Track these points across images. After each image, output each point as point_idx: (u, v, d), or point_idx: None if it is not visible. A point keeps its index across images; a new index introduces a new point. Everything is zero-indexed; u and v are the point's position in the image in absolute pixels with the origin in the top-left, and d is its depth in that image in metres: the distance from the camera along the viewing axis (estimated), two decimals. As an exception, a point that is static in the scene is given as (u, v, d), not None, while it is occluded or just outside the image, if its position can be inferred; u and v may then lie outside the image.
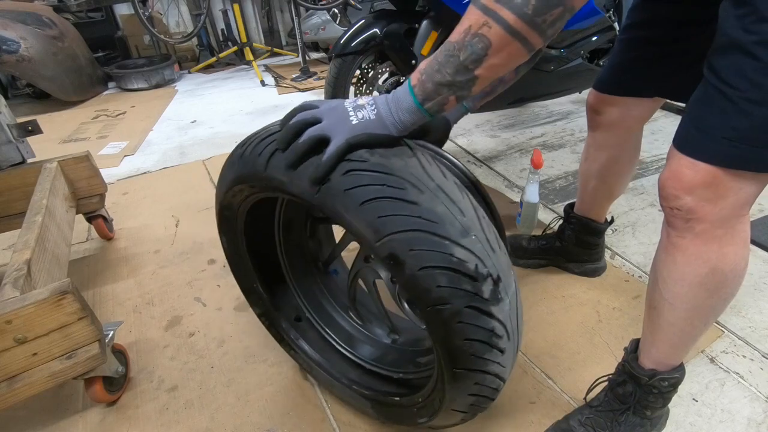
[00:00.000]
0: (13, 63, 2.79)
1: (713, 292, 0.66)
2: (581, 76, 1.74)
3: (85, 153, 1.40)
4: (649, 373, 0.77)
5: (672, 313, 0.70)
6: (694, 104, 0.61)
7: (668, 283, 0.68)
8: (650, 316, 0.75)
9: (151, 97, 3.34)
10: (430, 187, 0.55)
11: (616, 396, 0.82)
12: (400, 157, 0.57)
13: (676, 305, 0.69)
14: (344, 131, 0.56)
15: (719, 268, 0.64)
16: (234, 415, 0.95)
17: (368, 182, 0.55)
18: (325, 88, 1.73)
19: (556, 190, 1.70)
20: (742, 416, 0.88)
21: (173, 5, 4.09)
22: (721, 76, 0.56)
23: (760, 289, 1.18)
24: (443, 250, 0.53)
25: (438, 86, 0.53)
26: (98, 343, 0.86)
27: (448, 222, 0.54)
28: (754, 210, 1.50)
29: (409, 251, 0.53)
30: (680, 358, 0.76)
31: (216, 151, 2.28)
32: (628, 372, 0.80)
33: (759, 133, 0.54)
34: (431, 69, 0.53)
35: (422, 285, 0.54)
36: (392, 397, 0.83)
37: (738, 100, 0.54)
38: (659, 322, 0.73)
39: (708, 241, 0.62)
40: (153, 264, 1.44)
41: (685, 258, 0.64)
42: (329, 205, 0.57)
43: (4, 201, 1.32)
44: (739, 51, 0.53)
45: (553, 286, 1.23)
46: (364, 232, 0.55)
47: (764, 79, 0.52)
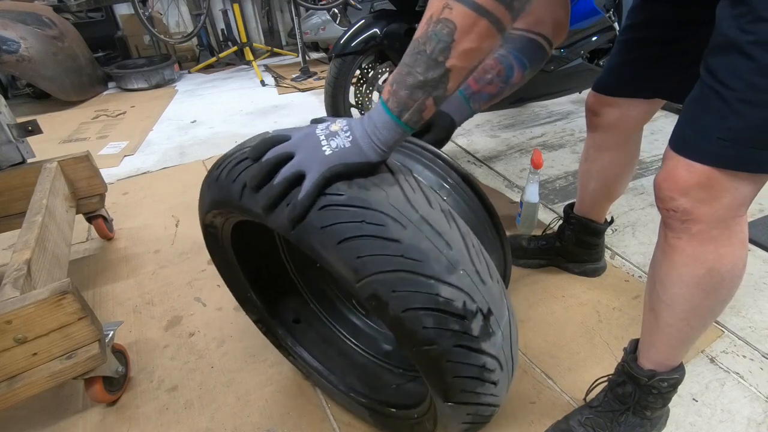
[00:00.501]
0: (13, 63, 2.79)
1: (711, 293, 0.65)
2: (581, 76, 1.75)
3: (85, 153, 1.40)
4: (649, 373, 0.76)
5: (670, 315, 0.70)
6: (689, 104, 0.60)
7: (666, 284, 0.68)
8: (648, 317, 0.75)
9: (151, 97, 3.34)
10: (413, 220, 0.52)
11: (616, 396, 0.82)
12: (381, 187, 0.53)
13: (674, 306, 0.69)
14: (319, 164, 0.51)
15: (716, 269, 0.63)
16: (234, 415, 0.95)
17: (346, 219, 0.51)
18: (325, 88, 1.73)
19: (556, 190, 1.70)
20: (742, 416, 0.88)
21: (173, 5, 4.10)
22: (717, 76, 0.55)
23: (760, 289, 1.18)
24: (428, 290, 0.50)
25: (412, 90, 0.49)
26: (98, 343, 0.86)
27: (433, 258, 0.51)
28: (755, 210, 1.50)
29: (392, 292, 0.50)
30: (679, 358, 0.77)
31: (216, 151, 2.28)
32: (627, 373, 0.80)
33: (754, 134, 0.53)
34: (401, 75, 0.49)
35: (407, 326, 0.51)
36: (389, 408, 0.81)
37: (733, 100, 0.53)
38: (657, 323, 0.73)
39: (704, 242, 0.62)
40: (153, 264, 1.44)
41: (682, 259, 0.64)
42: (306, 242, 0.53)
43: (4, 201, 1.32)
44: (735, 51, 0.53)
45: (553, 286, 1.23)
46: (343, 272, 0.52)
47: (759, 79, 0.51)
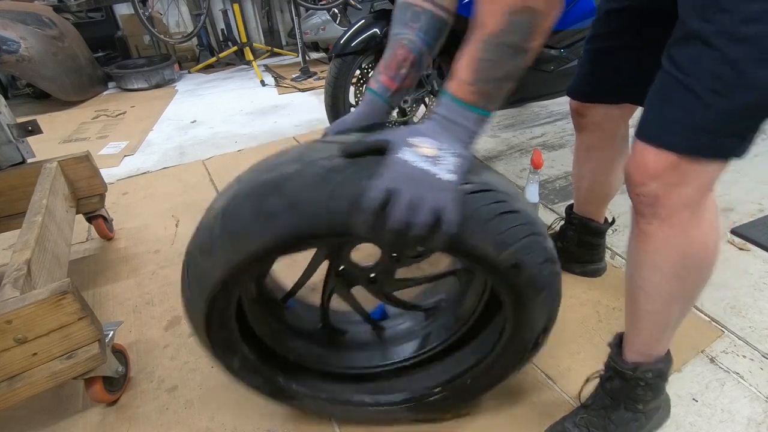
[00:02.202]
0: (13, 63, 2.79)
1: (686, 277, 0.67)
2: (581, 76, 1.74)
3: (85, 153, 1.40)
4: (632, 366, 0.77)
5: (648, 302, 0.71)
6: (655, 95, 0.62)
7: (642, 272, 0.69)
8: (629, 307, 0.76)
9: (151, 97, 3.34)
10: (511, 192, 0.62)
11: (606, 392, 0.82)
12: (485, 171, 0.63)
13: (652, 293, 0.70)
14: (451, 193, 0.52)
15: (688, 253, 0.64)
16: (234, 415, 0.95)
17: (483, 203, 0.58)
18: (325, 88, 1.73)
19: (556, 190, 1.70)
20: (742, 416, 0.88)
21: (173, 5, 4.09)
22: (681, 67, 0.56)
23: (760, 289, 1.18)
24: (543, 244, 0.63)
25: (500, 82, 0.53)
26: (98, 343, 0.86)
27: (535, 218, 0.63)
28: (755, 210, 1.50)
29: (527, 255, 0.61)
30: (664, 347, 0.77)
31: (216, 151, 2.28)
32: (613, 367, 0.80)
33: (719, 123, 0.55)
34: (484, 71, 0.52)
35: (538, 281, 0.63)
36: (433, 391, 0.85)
37: (699, 90, 0.55)
38: (637, 312, 0.73)
39: (674, 226, 0.63)
40: (153, 264, 1.44)
41: (655, 246, 0.65)
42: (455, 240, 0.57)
43: (4, 201, 1.32)
44: (698, 41, 0.54)
45: (553, 286, 1.23)
46: (486, 251, 0.59)
47: (723, 68, 0.52)
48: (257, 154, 2.20)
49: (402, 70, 0.74)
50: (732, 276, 1.23)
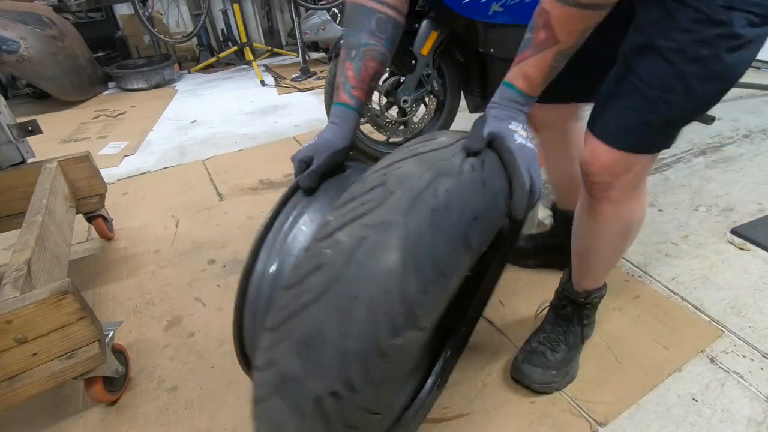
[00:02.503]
0: (13, 63, 2.79)
1: (626, 237, 0.85)
2: (581, 76, 1.74)
3: (85, 153, 1.40)
4: (584, 294, 0.96)
5: (597, 259, 0.89)
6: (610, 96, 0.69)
7: (593, 239, 0.85)
8: (579, 261, 0.93)
9: (151, 97, 3.34)
10: None
11: (560, 317, 1.00)
12: None
13: (601, 253, 0.87)
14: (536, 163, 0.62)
15: (630, 221, 0.81)
16: (234, 415, 0.95)
17: None
18: (325, 88, 1.73)
19: (556, 190, 1.70)
20: (742, 416, 0.88)
21: (173, 5, 4.09)
22: (639, 75, 0.64)
23: (760, 289, 1.18)
24: None
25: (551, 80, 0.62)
26: (98, 343, 0.86)
27: None
28: (755, 210, 1.50)
29: None
30: (604, 278, 0.96)
31: (216, 151, 2.28)
32: (567, 297, 0.98)
33: (661, 127, 0.67)
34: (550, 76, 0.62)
35: None
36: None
37: (652, 98, 0.64)
38: (587, 266, 0.91)
39: (620, 203, 0.76)
40: (153, 264, 1.44)
41: (605, 219, 0.79)
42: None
43: (4, 201, 1.32)
44: (657, 54, 0.61)
45: (553, 286, 1.22)
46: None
47: (675, 82, 0.61)
48: (257, 154, 2.20)
49: (372, 82, 0.77)
50: (732, 276, 1.23)
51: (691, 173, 1.76)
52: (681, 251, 1.34)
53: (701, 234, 1.41)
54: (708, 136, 2.06)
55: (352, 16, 0.75)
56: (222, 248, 1.49)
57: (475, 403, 0.94)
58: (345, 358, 0.44)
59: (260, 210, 1.69)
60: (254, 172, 2.01)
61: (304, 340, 0.45)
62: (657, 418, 0.89)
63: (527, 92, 0.62)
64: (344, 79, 0.75)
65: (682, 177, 1.73)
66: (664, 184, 1.70)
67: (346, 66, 0.75)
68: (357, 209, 0.49)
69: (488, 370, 1.01)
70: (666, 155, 1.90)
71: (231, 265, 1.40)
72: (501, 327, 1.12)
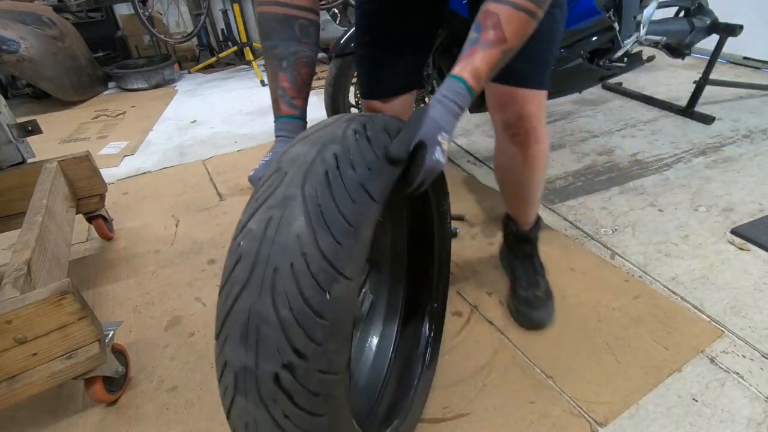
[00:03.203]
0: (13, 63, 2.78)
1: (547, 167, 1.00)
2: (581, 76, 1.74)
3: (85, 153, 1.40)
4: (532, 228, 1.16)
5: (532, 193, 1.05)
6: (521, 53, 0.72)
7: (529, 179, 0.99)
8: (520, 203, 1.10)
9: (151, 97, 3.34)
10: None
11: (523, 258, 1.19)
12: None
13: (537, 186, 1.02)
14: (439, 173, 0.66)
15: (547, 153, 0.96)
16: (234, 415, 0.95)
17: None
18: (325, 88, 1.73)
19: (556, 190, 1.70)
20: (742, 416, 0.88)
21: (173, 5, 4.09)
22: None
23: (760, 289, 1.18)
24: None
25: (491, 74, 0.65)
26: (98, 343, 0.86)
27: None
28: (755, 210, 1.50)
29: None
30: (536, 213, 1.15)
31: (216, 151, 2.28)
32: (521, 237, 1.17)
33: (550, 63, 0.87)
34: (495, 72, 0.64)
35: None
36: None
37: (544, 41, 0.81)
38: (531, 202, 1.08)
39: (540, 140, 0.92)
40: (153, 264, 1.44)
41: (538, 157, 0.94)
42: None
43: (4, 201, 1.32)
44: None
45: (553, 286, 1.23)
46: None
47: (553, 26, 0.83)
48: (257, 154, 2.20)
49: (308, 88, 0.78)
50: (732, 276, 1.23)
51: (691, 173, 1.76)
52: (681, 251, 1.34)
53: (701, 234, 1.41)
54: (708, 136, 2.06)
55: (272, 26, 0.74)
56: (222, 248, 1.49)
57: (475, 403, 0.94)
58: (285, 330, 0.47)
59: (260, 210, 1.69)
60: (254, 172, 2.01)
61: (243, 330, 0.48)
62: (657, 418, 0.89)
63: (472, 86, 0.63)
64: (281, 92, 0.75)
65: (682, 177, 1.73)
66: (664, 184, 1.70)
67: (279, 78, 0.74)
68: (259, 198, 0.52)
69: (488, 370, 1.01)
70: (666, 155, 1.90)
71: (231, 265, 1.40)
72: (501, 327, 1.12)
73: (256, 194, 0.54)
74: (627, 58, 1.82)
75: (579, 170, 1.83)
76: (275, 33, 0.74)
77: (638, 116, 2.31)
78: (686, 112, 2.27)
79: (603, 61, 1.75)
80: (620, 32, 1.66)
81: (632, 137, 2.08)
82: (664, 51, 2.13)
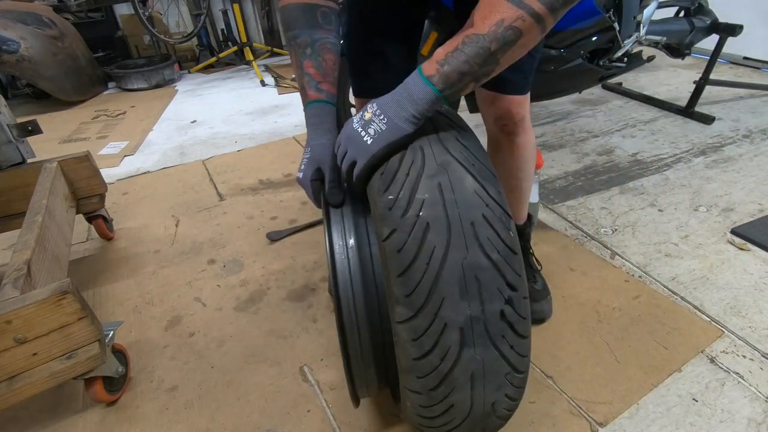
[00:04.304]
0: (13, 63, 2.78)
1: (533, 159, 1.04)
2: (581, 76, 1.74)
3: (85, 153, 1.40)
4: (525, 223, 1.16)
5: (522, 184, 1.06)
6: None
7: (520, 168, 1.02)
8: (509, 194, 1.05)
9: (151, 97, 3.34)
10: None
11: None
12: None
13: (527, 177, 1.05)
14: (364, 154, 0.60)
15: (534, 143, 1.02)
16: (234, 415, 0.95)
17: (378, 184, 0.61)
18: (325, 88, 1.73)
19: (556, 190, 1.70)
20: (742, 416, 0.88)
21: (173, 5, 4.09)
22: None
23: (760, 289, 1.18)
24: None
25: (462, 76, 0.56)
26: (98, 343, 0.86)
27: None
28: (755, 210, 1.50)
29: None
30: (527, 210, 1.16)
31: (216, 151, 2.28)
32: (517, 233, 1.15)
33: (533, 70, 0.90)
34: (458, 61, 0.55)
35: None
36: None
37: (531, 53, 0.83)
38: (521, 195, 1.08)
39: (527, 130, 0.98)
40: (153, 264, 1.44)
41: (524, 146, 0.99)
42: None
43: (4, 201, 1.32)
44: None
45: (553, 286, 1.23)
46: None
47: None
48: (257, 154, 2.20)
49: (335, 73, 0.77)
50: (732, 276, 1.23)
51: (691, 173, 1.76)
52: (681, 251, 1.34)
53: (701, 234, 1.41)
54: (708, 136, 2.06)
55: (295, 16, 0.74)
56: (222, 248, 1.49)
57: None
58: (500, 270, 0.54)
59: (260, 210, 1.69)
60: (254, 172, 2.01)
61: (461, 284, 0.53)
62: (657, 418, 0.89)
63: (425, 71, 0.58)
64: (308, 78, 0.74)
65: (682, 177, 1.73)
66: (664, 184, 1.70)
67: (304, 65, 0.74)
68: (408, 174, 0.56)
69: (488, 370, 1.01)
70: (666, 155, 1.90)
71: (231, 265, 1.41)
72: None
73: (398, 174, 0.56)
74: (627, 58, 1.82)
75: (579, 170, 1.83)
76: (297, 22, 0.73)
77: (638, 116, 2.31)
78: (686, 112, 2.27)
79: (603, 61, 1.75)
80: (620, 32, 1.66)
81: (632, 137, 2.08)
82: (664, 51, 2.13)
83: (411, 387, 0.57)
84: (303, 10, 0.73)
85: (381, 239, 0.55)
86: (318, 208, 0.73)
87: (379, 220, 0.55)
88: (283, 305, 1.23)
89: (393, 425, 0.90)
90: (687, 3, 2.11)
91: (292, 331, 1.15)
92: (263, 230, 1.56)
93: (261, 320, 1.19)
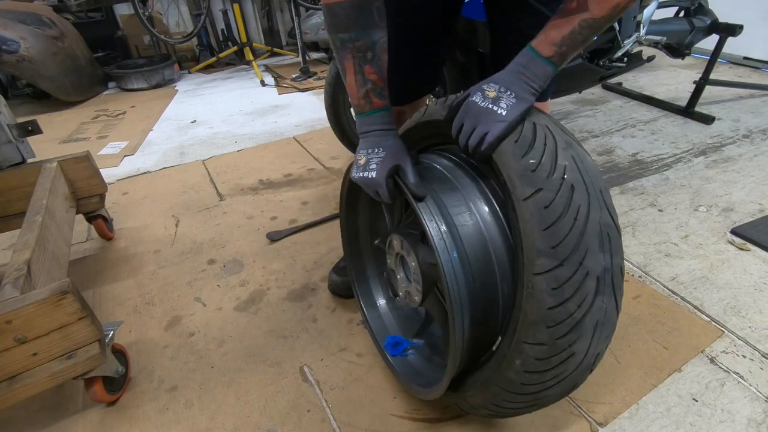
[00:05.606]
0: (13, 63, 2.78)
1: None
2: (581, 76, 1.75)
3: (85, 153, 1.40)
4: None
5: None
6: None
7: None
8: None
9: (151, 97, 3.34)
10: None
11: None
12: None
13: None
14: (500, 124, 0.65)
15: None
16: (234, 415, 0.95)
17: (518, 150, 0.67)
18: (325, 88, 1.73)
19: (556, 190, 1.70)
20: (742, 416, 0.88)
21: (173, 5, 4.09)
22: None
23: (760, 289, 1.18)
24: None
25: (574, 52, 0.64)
26: (98, 343, 0.86)
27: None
28: (755, 210, 1.50)
29: None
30: None
31: (216, 151, 2.28)
32: None
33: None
34: (571, 42, 0.63)
35: None
36: None
37: None
38: None
39: None
40: (153, 264, 1.44)
41: None
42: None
43: (4, 201, 1.32)
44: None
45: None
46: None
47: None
48: (257, 154, 2.20)
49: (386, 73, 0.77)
50: (732, 276, 1.23)
51: (691, 173, 1.76)
52: (681, 251, 1.34)
53: (701, 234, 1.41)
54: (708, 136, 2.06)
55: (350, 16, 0.68)
56: (222, 248, 1.49)
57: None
58: (618, 231, 0.64)
59: (260, 210, 1.69)
60: (254, 172, 2.01)
61: (599, 238, 0.61)
62: (657, 418, 0.89)
63: (541, 52, 0.64)
64: (371, 85, 0.72)
65: (682, 177, 1.73)
66: (664, 184, 1.70)
67: (366, 70, 0.71)
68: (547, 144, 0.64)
69: (488, 370, 1.01)
70: (666, 155, 1.90)
71: (231, 265, 1.41)
72: (501, 327, 1.12)
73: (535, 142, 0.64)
74: (627, 58, 1.82)
75: (579, 170, 1.83)
76: (355, 23, 0.68)
77: (638, 116, 2.31)
78: (686, 112, 2.27)
79: (603, 61, 1.75)
80: (620, 32, 1.66)
81: (632, 137, 2.08)
82: (664, 51, 2.13)
83: (534, 339, 0.62)
84: (359, 9, 0.68)
85: (522, 198, 0.61)
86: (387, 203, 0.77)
87: (520, 180, 0.62)
88: (283, 305, 1.23)
89: (393, 425, 0.90)
90: (687, 3, 2.11)
91: (292, 331, 1.15)
92: (263, 230, 1.56)
93: (261, 320, 1.19)
